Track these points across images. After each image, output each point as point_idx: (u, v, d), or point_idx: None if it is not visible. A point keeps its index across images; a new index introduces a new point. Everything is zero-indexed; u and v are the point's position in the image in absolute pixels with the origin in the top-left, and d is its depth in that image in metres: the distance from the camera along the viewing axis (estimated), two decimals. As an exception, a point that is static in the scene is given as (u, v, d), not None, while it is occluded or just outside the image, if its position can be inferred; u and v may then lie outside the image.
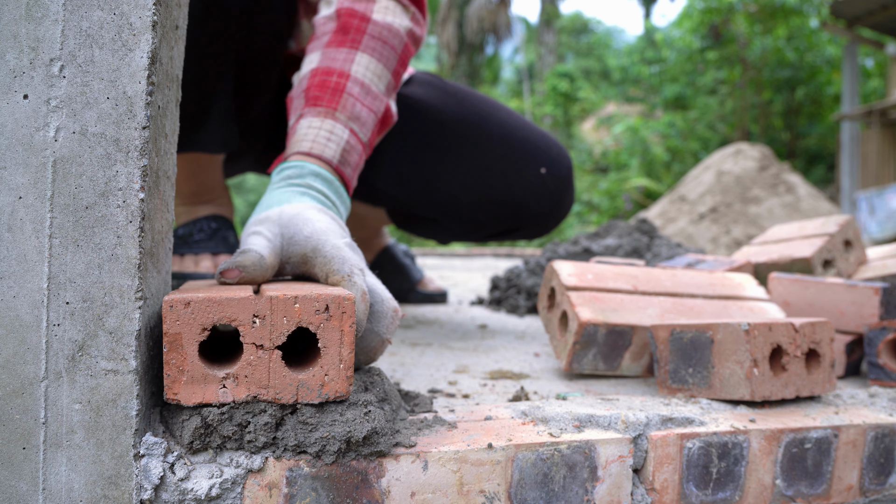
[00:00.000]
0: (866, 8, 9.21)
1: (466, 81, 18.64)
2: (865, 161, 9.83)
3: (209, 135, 1.32)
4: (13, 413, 0.56)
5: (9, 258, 0.56)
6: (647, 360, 1.07)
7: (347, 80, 1.04)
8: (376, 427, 0.62)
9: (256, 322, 0.60)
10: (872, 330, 1.03)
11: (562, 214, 1.55)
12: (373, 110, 1.07)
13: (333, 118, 1.01)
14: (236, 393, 0.60)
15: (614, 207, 11.87)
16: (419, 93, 1.48)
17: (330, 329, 0.62)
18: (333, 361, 0.62)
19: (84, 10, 0.57)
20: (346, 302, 0.62)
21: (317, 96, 1.03)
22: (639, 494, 0.73)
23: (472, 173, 1.45)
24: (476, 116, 1.47)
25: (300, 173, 0.93)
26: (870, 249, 1.51)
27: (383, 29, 1.10)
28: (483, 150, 1.44)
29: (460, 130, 1.45)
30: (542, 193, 1.47)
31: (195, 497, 0.59)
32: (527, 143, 1.47)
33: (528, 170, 1.45)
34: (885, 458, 0.84)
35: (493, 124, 1.46)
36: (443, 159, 1.45)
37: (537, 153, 1.47)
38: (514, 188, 1.45)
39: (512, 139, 1.46)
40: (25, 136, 0.56)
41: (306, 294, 0.61)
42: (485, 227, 1.54)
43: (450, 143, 1.45)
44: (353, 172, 1.02)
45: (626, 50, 18.56)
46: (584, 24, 26.92)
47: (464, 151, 1.44)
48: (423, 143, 1.45)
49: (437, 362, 1.17)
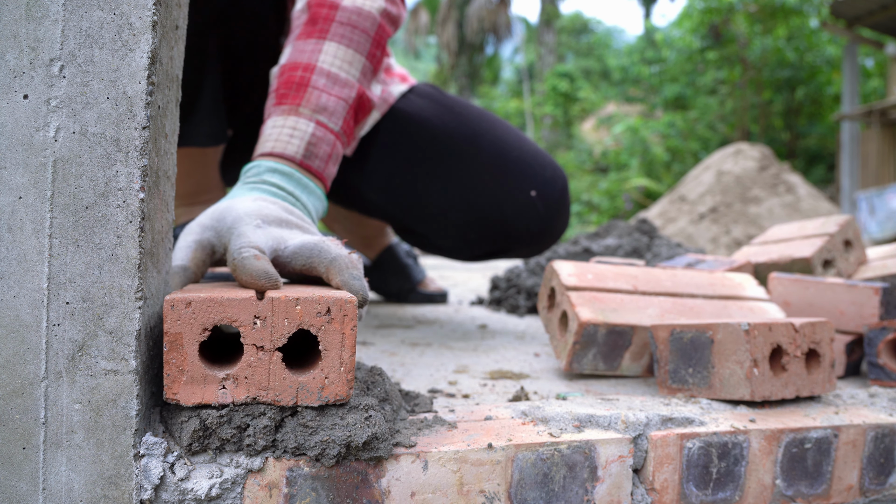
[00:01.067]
0: (866, 8, 9.21)
1: (466, 81, 18.63)
2: (865, 161, 9.83)
3: (194, 127, 1.32)
4: (13, 413, 0.56)
5: (9, 258, 0.56)
6: (647, 360, 1.07)
7: (312, 73, 1.05)
8: (376, 433, 0.62)
9: (257, 323, 0.60)
10: (872, 330, 1.03)
11: (554, 236, 1.51)
12: (342, 98, 1.07)
13: (297, 114, 1.02)
14: (236, 394, 0.60)
15: (614, 207, 11.87)
16: (415, 105, 1.46)
17: (331, 332, 0.62)
18: (334, 364, 0.62)
19: (84, 10, 0.57)
20: (348, 305, 0.62)
21: (282, 94, 1.05)
22: (639, 494, 0.73)
23: (461, 191, 1.41)
24: (470, 132, 1.44)
25: (257, 172, 0.95)
26: (870, 249, 1.51)
27: (352, 13, 1.10)
28: (474, 168, 1.41)
29: (452, 146, 1.42)
30: (532, 216, 1.43)
31: (195, 497, 0.59)
32: (520, 162, 1.44)
33: (518, 191, 1.41)
34: (885, 458, 0.84)
35: (486, 142, 1.43)
36: (433, 174, 1.42)
37: (530, 174, 1.43)
38: (503, 208, 1.41)
39: (505, 159, 1.42)
40: (25, 136, 0.56)
41: (308, 296, 0.61)
42: (475, 246, 1.50)
43: (441, 158, 1.43)
44: (323, 164, 1.03)
45: (626, 50, 18.56)
46: (584, 24, 26.92)
47: (454, 167, 1.42)
48: (414, 156, 1.43)
49: (437, 362, 1.17)
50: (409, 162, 1.43)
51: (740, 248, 1.64)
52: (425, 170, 1.43)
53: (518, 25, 21.38)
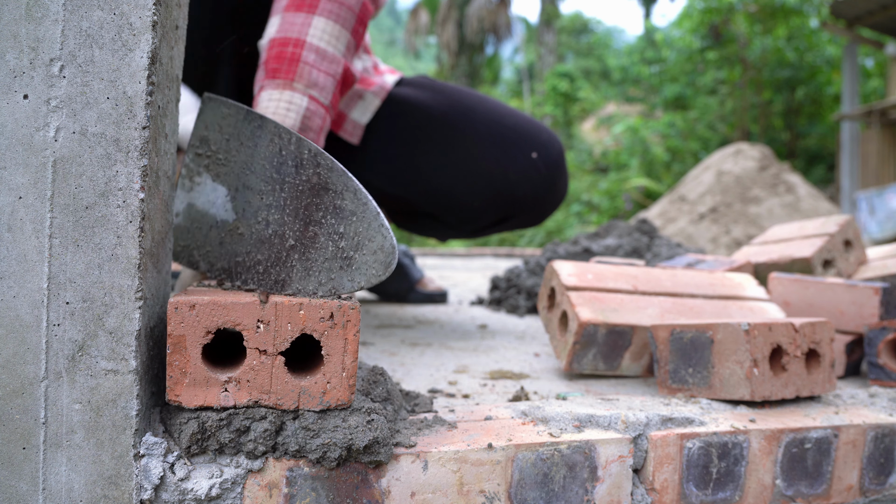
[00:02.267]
0: (866, 8, 9.20)
1: (466, 81, 18.64)
2: (865, 161, 9.82)
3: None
4: (13, 413, 0.56)
5: (9, 258, 0.56)
6: (647, 360, 1.07)
7: (302, 49, 1.11)
8: (377, 437, 0.62)
9: (261, 327, 0.60)
10: (872, 330, 1.03)
11: (556, 199, 1.57)
12: (330, 74, 1.14)
13: (292, 88, 1.09)
14: (238, 397, 0.60)
15: (614, 207, 11.86)
16: (408, 93, 1.52)
17: (334, 337, 0.62)
18: (336, 369, 0.62)
19: (84, 10, 0.57)
20: (352, 311, 0.62)
21: (275, 68, 1.11)
22: (639, 494, 0.73)
23: (464, 162, 1.48)
24: (464, 107, 1.51)
25: None
26: (870, 249, 1.51)
27: None
28: (473, 139, 1.48)
29: (450, 122, 1.49)
30: (535, 177, 1.50)
31: (195, 497, 0.59)
32: (517, 128, 1.51)
33: (518, 154, 1.49)
34: (885, 458, 0.84)
35: (481, 114, 1.50)
36: (435, 152, 1.49)
37: (527, 138, 1.50)
38: (506, 173, 1.48)
39: (501, 126, 1.50)
40: (25, 136, 0.56)
41: (311, 301, 0.61)
42: (481, 217, 1.56)
43: (440, 136, 1.49)
44: (316, 136, 1.12)
45: (626, 50, 18.55)
46: (584, 24, 26.92)
47: (454, 142, 1.48)
48: (414, 138, 1.49)
49: (437, 362, 1.17)
50: (409, 145, 1.49)
51: (740, 248, 1.64)
52: (426, 148, 1.49)
53: (518, 25, 21.38)
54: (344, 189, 0.65)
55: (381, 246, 0.63)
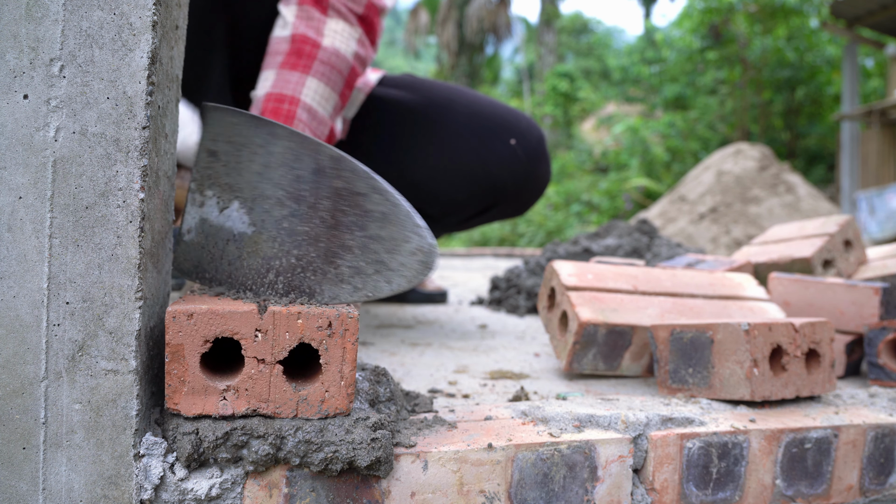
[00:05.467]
0: (866, 8, 9.20)
1: (466, 81, 18.63)
2: (865, 161, 9.82)
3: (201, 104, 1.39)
4: (13, 413, 0.56)
5: (9, 258, 0.56)
6: (647, 360, 1.07)
7: (297, 107, 1.14)
8: (380, 457, 0.62)
9: (258, 336, 0.60)
10: (872, 330, 1.03)
11: (538, 187, 1.60)
12: (318, 134, 1.18)
13: None
14: (236, 406, 0.60)
15: (614, 207, 11.86)
16: (388, 91, 1.56)
17: (332, 346, 0.62)
18: (334, 378, 0.62)
19: (84, 10, 0.57)
20: (350, 319, 0.62)
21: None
22: (639, 494, 0.73)
23: (444, 153, 1.51)
24: (442, 101, 1.54)
25: None
26: (870, 249, 1.51)
27: (332, 55, 1.20)
28: (452, 130, 1.51)
29: (429, 115, 1.52)
30: (515, 164, 1.52)
31: (195, 497, 0.59)
32: (494, 118, 1.54)
33: (497, 143, 1.51)
34: (885, 458, 0.84)
35: (460, 105, 1.54)
36: (415, 145, 1.52)
37: (506, 126, 1.53)
38: (486, 162, 1.51)
39: (479, 117, 1.53)
40: (25, 136, 0.56)
41: (309, 310, 0.61)
42: (464, 208, 1.59)
43: (420, 129, 1.52)
44: None
45: (626, 50, 18.54)
46: (584, 24, 26.90)
47: (434, 134, 1.51)
48: (395, 134, 1.52)
49: (437, 362, 1.17)
50: (391, 140, 1.53)
51: (740, 248, 1.64)
52: (407, 143, 1.53)
53: (518, 25, 21.38)
54: (371, 191, 0.63)
55: (420, 246, 0.63)
